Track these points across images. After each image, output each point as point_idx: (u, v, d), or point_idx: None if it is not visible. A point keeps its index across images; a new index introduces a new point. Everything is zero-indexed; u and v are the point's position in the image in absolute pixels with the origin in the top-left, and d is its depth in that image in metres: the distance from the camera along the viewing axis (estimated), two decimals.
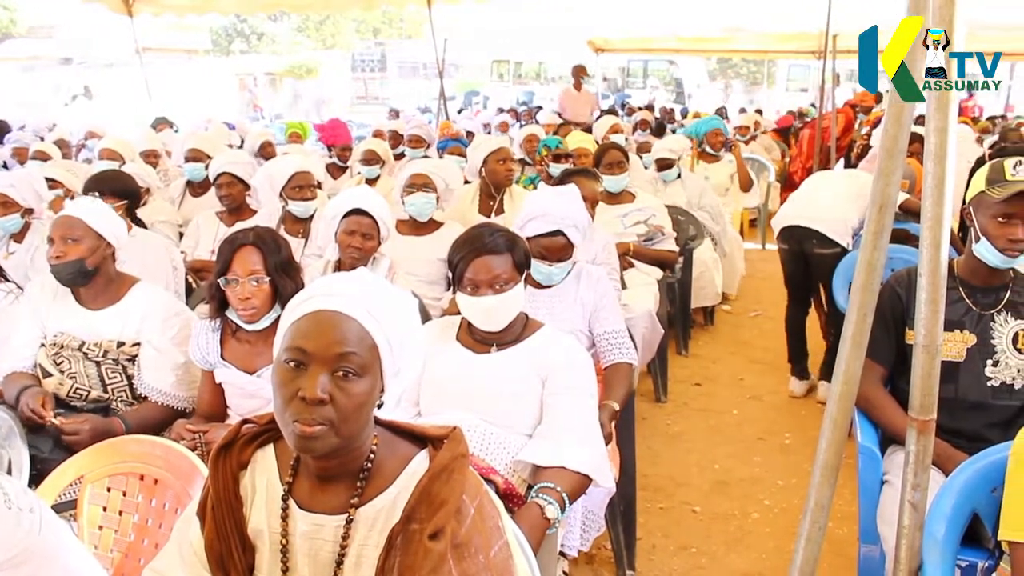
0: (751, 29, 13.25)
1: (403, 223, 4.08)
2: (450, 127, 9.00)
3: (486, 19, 14.06)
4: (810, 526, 1.99)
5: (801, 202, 4.97)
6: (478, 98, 23.70)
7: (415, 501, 1.43)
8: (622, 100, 19.28)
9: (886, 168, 1.72)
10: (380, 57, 31.37)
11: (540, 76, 26.94)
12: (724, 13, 11.85)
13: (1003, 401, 2.65)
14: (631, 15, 12.56)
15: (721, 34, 14.14)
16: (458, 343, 2.57)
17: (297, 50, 34.97)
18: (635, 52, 21.09)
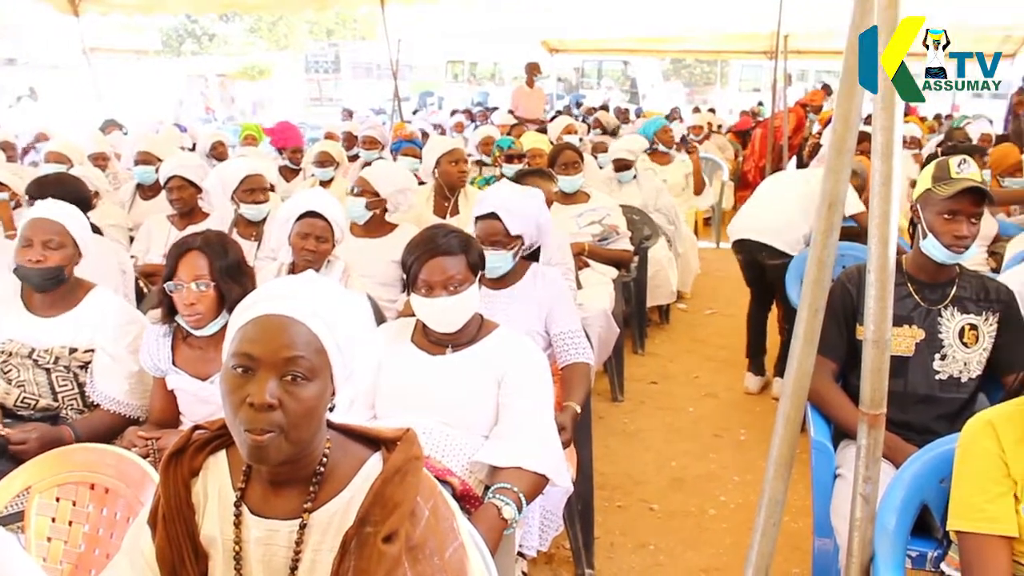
0: (704, 30, 13.36)
1: (357, 225, 4.06)
2: (404, 128, 8.97)
3: (440, 20, 14.00)
4: (765, 521, 2.01)
5: (752, 213, 4.99)
6: (433, 99, 23.64)
7: (369, 504, 1.42)
8: (577, 100, 19.35)
9: (835, 166, 1.75)
10: (334, 58, 31.13)
11: (495, 77, 26.94)
12: (678, 14, 11.92)
13: (950, 394, 2.71)
14: (585, 16, 12.60)
15: (675, 34, 14.25)
16: (413, 345, 2.56)
17: (250, 51, 34.59)
18: (589, 53, 21.18)
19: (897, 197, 1.73)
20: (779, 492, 1.99)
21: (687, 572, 3.33)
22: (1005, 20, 12.16)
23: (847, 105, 1.73)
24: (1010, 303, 2.75)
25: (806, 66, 15.49)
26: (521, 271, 3.22)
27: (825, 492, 2.67)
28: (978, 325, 2.71)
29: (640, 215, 5.74)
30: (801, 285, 1.93)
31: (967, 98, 20.41)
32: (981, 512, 1.88)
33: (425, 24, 14.25)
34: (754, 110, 14.96)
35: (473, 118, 14.36)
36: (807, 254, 1.91)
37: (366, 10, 12.21)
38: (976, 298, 2.74)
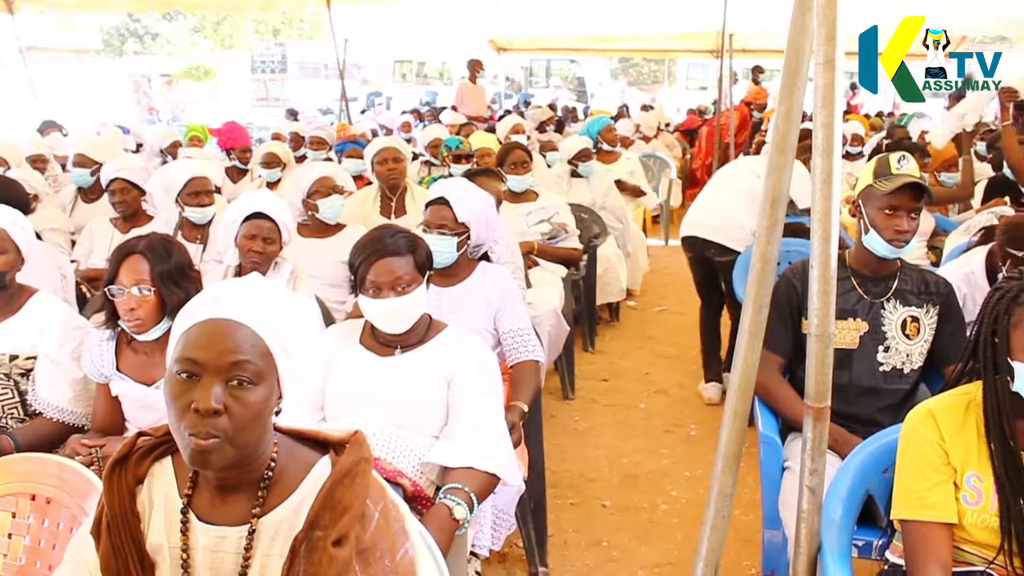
0: (651, 28, 13.45)
1: (304, 226, 4.03)
2: (348, 129, 8.90)
3: (387, 19, 13.96)
4: (714, 515, 2.03)
5: (700, 211, 4.97)
6: (381, 99, 23.50)
7: (318, 508, 1.41)
8: (525, 99, 19.38)
9: (777, 163, 1.77)
10: (280, 58, 30.75)
11: (443, 76, 26.88)
12: (625, 12, 11.99)
13: (894, 385, 2.76)
14: (533, 15, 12.62)
15: (622, 33, 14.32)
16: (362, 346, 2.55)
17: (194, 51, 34.07)
18: (537, 52, 21.20)
19: (838, 194, 1.76)
20: (727, 486, 2.01)
21: (640, 567, 3.35)
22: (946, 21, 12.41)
23: (788, 103, 1.76)
24: (949, 296, 2.82)
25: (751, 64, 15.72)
26: (470, 269, 3.22)
27: (774, 485, 2.70)
28: (919, 317, 2.77)
29: (589, 213, 5.76)
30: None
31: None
32: (923, 500, 1.92)
33: (372, 23, 14.19)
34: (701, 108, 15.11)
35: (421, 118, 14.32)
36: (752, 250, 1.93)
37: (312, 9, 12.10)
38: (917, 291, 2.79)
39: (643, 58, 31.67)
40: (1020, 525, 1.87)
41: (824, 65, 1.71)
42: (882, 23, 1.96)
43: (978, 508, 1.92)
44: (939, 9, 10.83)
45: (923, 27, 1.71)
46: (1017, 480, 1.88)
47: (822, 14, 1.70)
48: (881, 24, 1.86)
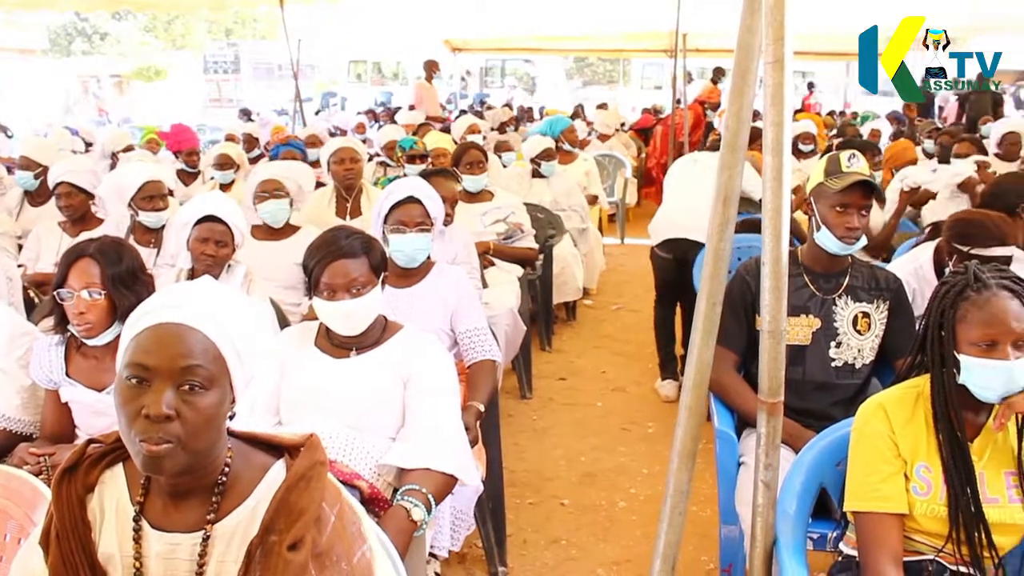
0: (606, 28, 13.51)
1: (258, 228, 3.99)
2: (282, 132, 8.82)
3: (341, 19, 13.85)
4: (671, 511, 2.05)
5: (680, 212, 4.89)
6: (335, 99, 23.35)
7: (273, 512, 1.40)
8: (481, 99, 19.39)
9: (728, 161, 1.79)
10: (233, 58, 30.42)
11: (399, 76, 26.77)
12: (580, 12, 12.03)
13: (846, 380, 2.80)
14: (488, 15, 12.61)
15: (577, 33, 14.36)
16: (317, 349, 2.53)
17: (144, 51, 33.56)
18: (492, 51, 21.21)
19: (788, 191, 1.78)
20: (683, 482, 2.02)
21: (599, 565, 3.36)
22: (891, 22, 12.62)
23: (739, 102, 1.78)
24: (898, 291, 2.86)
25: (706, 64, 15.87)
26: (426, 270, 3.22)
27: (730, 480, 2.73)
28: (870, 313, 2.81)
29: (544, 213, 5.77)
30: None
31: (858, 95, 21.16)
32: (875, 492, 1.95)
33: (326, 23, 14.08)
34: (656, 107, 15.22)
35: (377, 118, 14.26)
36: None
37: (266, 9, 11.97)
38: (867, 287, 2.84)
39: (598, 58, 31.83)
40: (967, 514, 1.91)
41: (773, 65, 1.73)
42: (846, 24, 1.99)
43: (927, 498, 1.96)
44: (910, 8, 10.99)
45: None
46: (964, 470, 1.92)
47: (771, 15, 1.72)
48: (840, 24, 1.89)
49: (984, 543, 1.93)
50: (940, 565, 1.99)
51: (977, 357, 1.89)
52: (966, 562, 1.95)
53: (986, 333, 1.88)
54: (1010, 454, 1.97)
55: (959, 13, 11.92)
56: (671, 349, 5.12)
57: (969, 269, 1.96)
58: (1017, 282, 1.93)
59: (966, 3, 10.62)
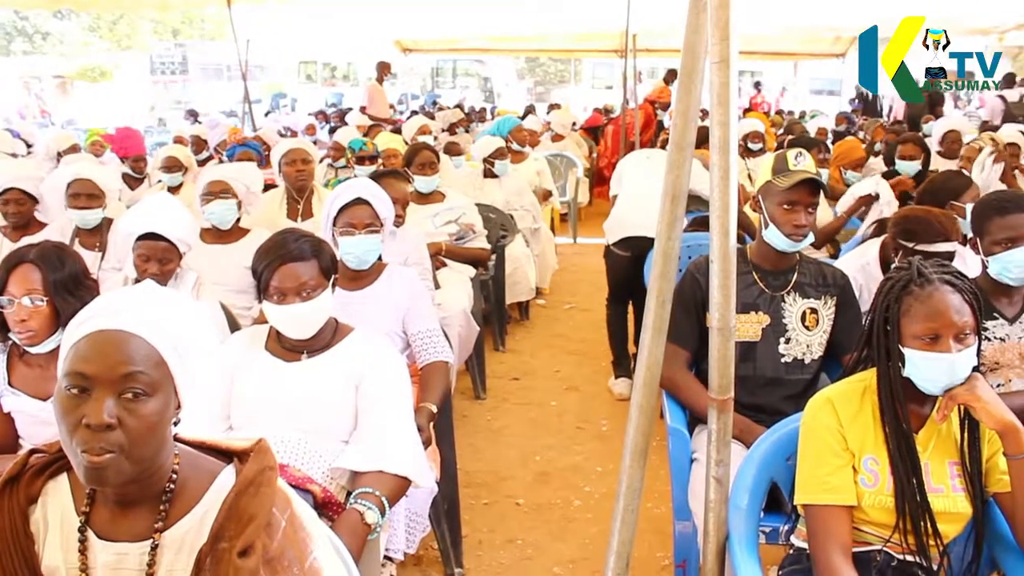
0: (557, 28, 13.55)
1: (208, 231, 3.92)
2: (239, 133, 8.72)
3: (290, 19, 13.71)
4: (623, 508, 2.06)
5: (639, 210, 4.85)
6: (286, 100, 23.16)
7: (222, 519, 1.38)
8: (432, 100, 19.35)
9: (675, 160, 1.80)
10: (181, 59, 30.01)
11: (349, 77, 26.62)
12: (531, 12, 12.05)
13: (796, 375, 2.84)
14: (439, 15, 12.58)
15: (528, 33, 14.39)
16: (267, 352, 2.50)
17: (88, 51, 32.91)
18: (444, 52, 21.17)
19: (735, 190, 1.80)
20: (636, 480, 2.04)
21: (555, 563, 3.37)
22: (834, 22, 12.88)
23: (685, 101, 1.79)
24: (845, 287, 2.91)
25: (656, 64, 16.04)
26: (377, 272, 3.20)
27: (683, 477, 2.75)
28: (818, 309, 2.85)
29: (496, 213, 5.78)
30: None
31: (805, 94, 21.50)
32: (824, 484, 1.98)
33: (275, 24, 13.94)
34: (607, 107, 15.31)
35: (327, 119, 14.17)
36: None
37: (214, 9, 11.81)
38: (815, 283, 2.88)
39: (549, 58, 31.92)
40: (913, 504, 1.95)
41: (719, 64, 1.75)
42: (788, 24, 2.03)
43: (875, 490, 1.99)
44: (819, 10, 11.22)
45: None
46: (910, 461, 1.96)
47: (716, 15, 1.73)
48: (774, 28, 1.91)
49: (930, 532, 1.97)
50: (888, 555, 2.03)
51: (920, 350, 1.92)
52: (913, 551, 1.99)
53: (929, 327, 1.91)
54: (953, 445, 2.02)
55: (894, 17, 12.09)
56: (624, 347, 5.14)
57: (912, 265, 2.00)
58: (959, 277, 1.97)
59: (901, 5, 10.83)
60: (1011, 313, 2.78)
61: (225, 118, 14.11)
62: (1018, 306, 2.79)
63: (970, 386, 1.92)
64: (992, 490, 2.00)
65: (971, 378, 1.93)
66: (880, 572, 2.03)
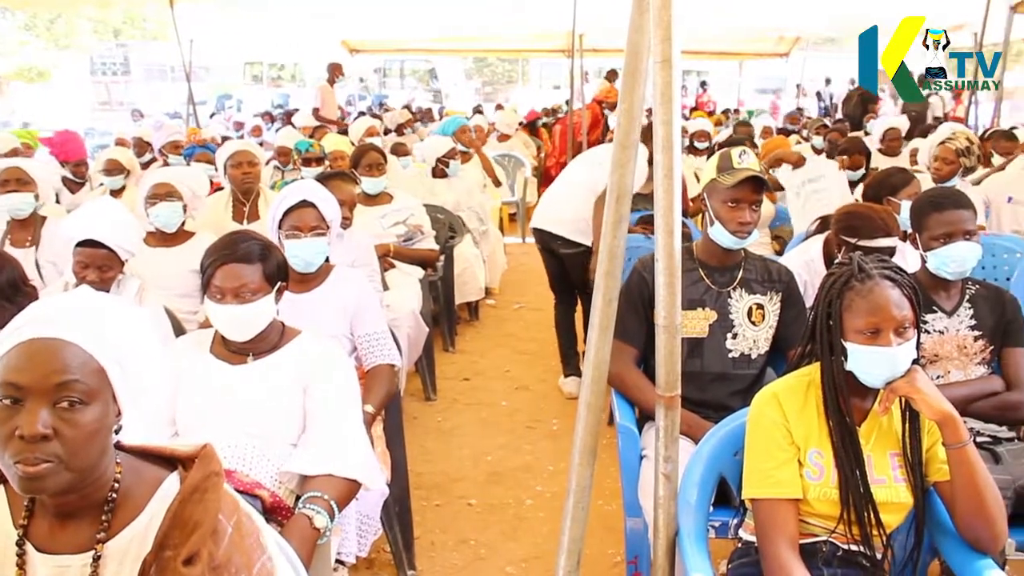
0: (504, 28, 13.56)
1: (152, 235, 3.86)
2: (198, 133, 8.61)
3: (235, 19, 13.55)
4: (574, 506, 2.07)
5: (546, 204, 5.02)
6: (231, 101, 22.89)
7: (167, 526, 1.35)
8: (379, 101, 19.26)
9: (620, 159, 1.81)
10: (123, 59, 29.47)
11: (296, 78, 26.38)
12: (478, 12, 12.05)
13: (743, 371, 2.87)
14: (386, 15, 12.52)
15: (476, 33, 14.38)
16: (212, 355, 2.46)
17: (25, 51, 32.11)
18: (391, 52, 21.08)
19: (679, 188, 1.82)
20: (586, 478, 2.05)
21: (508, 563, 3.37)
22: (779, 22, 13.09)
23: (629, 100, 1.80)
24: (790, 283, 2.95)
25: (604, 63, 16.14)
26: (325, 274, 3.17)
27: (632, 474, 2.76)
28: (764, 304, 2.89)
29: (445, 213, 5.77)
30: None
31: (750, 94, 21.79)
32: (770, 478, 2.01)
33: (219, 24, 13.77)
34: (554, 107, 15.36)
35: (273, 120, 14.03)
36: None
37: (155, 9, 11.57)
38: (761, 279, 2.92)
39: (497, 58, 31.92)
40: (857, 495, 1.99)
41: (662, 64, 1.76)
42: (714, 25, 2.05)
43: (820, 482, 2.02)
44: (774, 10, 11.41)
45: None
46: (853, 453, 2.00)
47: (658, 15, 1.75)
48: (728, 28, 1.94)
49: (873, 522, 2.00)
50: (833, 545, 2.06)
51: (862, 344, 1.96)
52: (857, 541, 2.03)
53: (870, 321, 1.95)
54: (894, 436, 2.06)
55: (815, 21, 12.44)
56: (572, 346, 5.15)
57: (853, 260, 2.03)
58: (898, 272, 2.01)
59: (832, 9, 11.09)
60: (949, 306, 2.85)
61: (169, 119, 13.89)
62: (955, 299, 2.86)
63: (910, 378, 1.97)
64: (932, 479, 2.05)
65: (911, 371, 1.97)
66: (826, 562, 2.06)
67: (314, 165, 5.77)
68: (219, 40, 18.45)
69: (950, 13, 10.42)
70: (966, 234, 2.78)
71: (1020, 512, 2.44)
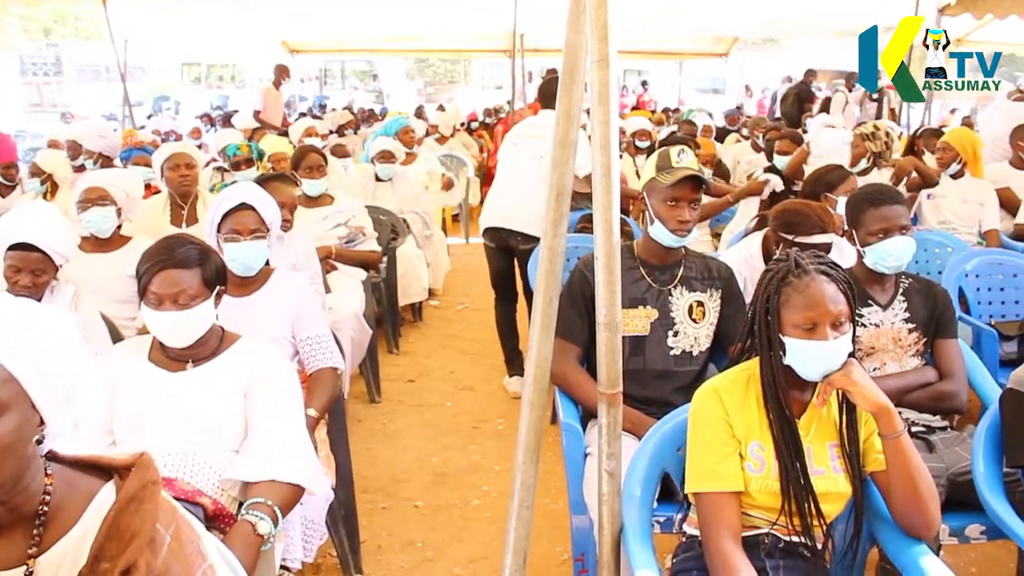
0: (446, 28, 13.53)
1: (87, 240, 3.77)
2: (134, 135, 8.44)
3: (171, 19, 13.32)
4: (518, 505, 2.07)
5: (500, 201, 4.97)
6: (169, 103, 22.52)
7: (102, 538, 1.32)
8: (320, 102, 19.09)
9: (560, 158, 1.82)
10: (55, 59, 28.78)
11: (235, 79, 26.05)
12: (419, 12, 12.01)
13: (685, 367, 2.90)
14: (326, 16, 12.41)
15: (417, 33, 14.32)
16: (151, 363, 2.41)
17: None
18: (332, 53, 20.91)
19: (617, 187, 1.83)
20: (529, 477, 2.05)
21: (456, 564, 3.37)
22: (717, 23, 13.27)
23: (567, 100, 1.81)
24: (730, 280, 2.99)
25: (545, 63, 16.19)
26: (265, 278, 3.13)
27: (578, 472, 2.78)
28: (704, 301, 2.92)
29: (387, 215, 5.73)
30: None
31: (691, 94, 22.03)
32: (712, 472, 2.03)
33: (155, 23, 13.53)
34: (496, 107, 15.37)
35: (213, 122, 13.83)
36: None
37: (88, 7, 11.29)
38: (701, 277, 2.95)
39: (439, 58, 31.85)
40: (797, 487, 2.02)
41: (598, 63, 1.77)
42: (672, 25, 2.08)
43: (761, 475, 2.05)
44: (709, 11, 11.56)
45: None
46: (793, 445, 2.03)
47: (594, 15, 1.76)
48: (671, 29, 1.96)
49: (813, 513, 2.04)
50: (775, 537, 2.10)
51: (799, 339, 1.99)
52: (798, 532, 2.06)
53: (807, 316, 1.98)
54: (833, 428, 2.10)
55: (752, 22, 12.68)
56: (515, 345, 5.16)
57: (790, 257, 2.07)
58: (834, 267, 2.05)
59: (766, 11, 11.28)
60: (884, 300, 2.91)
61: (105, 122, 13.61)
62: (890, 293, 2.93)
63: (846, 371, 2.01)
64: (869, 469, 2.09)
65: (847, 364, 2.01)
66: (768, 554, 2.10)
67: (244, 168, 5.68)
68: (155, 40, 18.11)
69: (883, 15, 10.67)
70: (901, 229, 2.86)
71: (953, 499, 2.51)
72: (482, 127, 13.41)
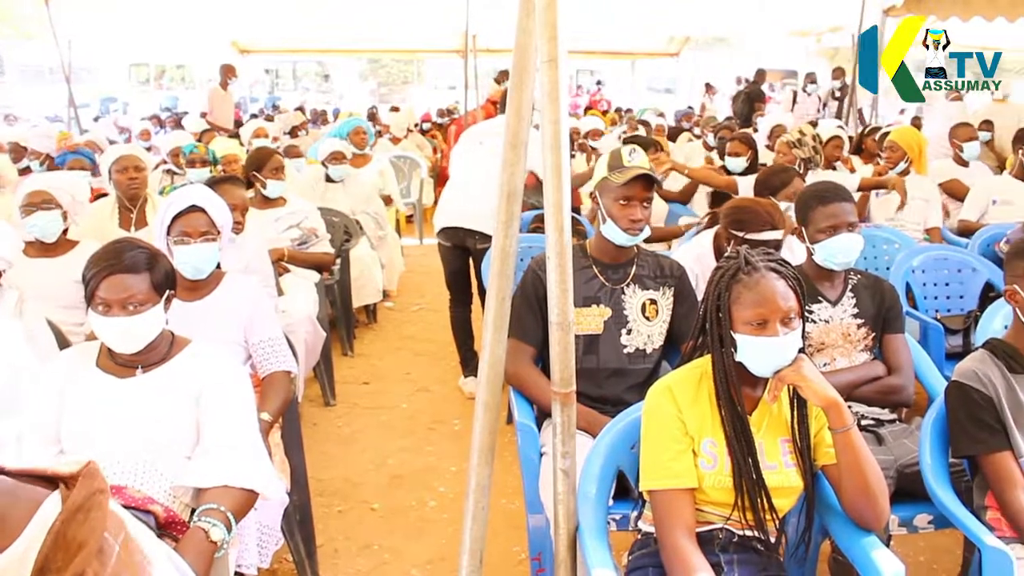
0: (399, 28, 13.49)
1: (32, 245, 3.69)
2: (69, 139, 8.27)
3: (117, 19, 13.10)
4: (474, 506, 2.07)
5: (456, 201, 4.92)
6: (116, 104, 22.15)
7: (48, 549, 1.29)
8: (272, 103, 18.91)
9: (510, 159, 1.82)
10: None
11: (185, 80, 25.70)
12: (371, 12, 11.94)
13: (638, 365, 2.92)
14: (277, 16, 12.30)
15: (370, 34, 14.25)
16: (99, 369, 2.36)
17: None
18: (283, 53, 20.73)
19: (568, 187, 1.83)
20: (484, 477, 2.05)
21: (413, 566, 3.35)
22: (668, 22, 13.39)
23: (518, 100, 1.81)
24: (682, 278, 3.02)
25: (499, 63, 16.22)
26: (216, 281, 3.09)
27: (533, 471, 2.79)
28: (657, 300, 2.94)
29: (340, 216, 5.69)
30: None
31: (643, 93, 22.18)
32: (666, 470, 2.05)
33: (100, 23, 13.31)
34: (450, 108, 15.35)
35: (162, 124, 13.65)
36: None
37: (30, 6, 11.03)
38: (653, 275, 2.97)
39: (392, 58, 31.70)
40: (750, 482, 2.04)
41: (548, 64, 1.77)
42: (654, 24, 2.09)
43: (714, 471, 2.07)
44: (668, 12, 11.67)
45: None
46: (745, 441, 2.05)
47: (543, 15, 1.76)
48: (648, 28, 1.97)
49: (766, 507, 2.07)
50: (729, 532, 2.12)
51: (750, 335, 2.01)
52: (752, 526, 2.09)
53: (757, 312, 2.01)
54: (784, 423, 2.12)
55: (702, 22, 12.83)
56: (470, 345, 5.15)
57: (740, 254, 2.09)
58: (783, 264, 2.08)
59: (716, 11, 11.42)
60: (833, 296, 2.96)
61: (49, 124, 13.34)
62: (839, 289, 2.98)
63: (796, 367, 2.03)
64: (820, 463, 2.12)
65: (797, 359, 2.04)
66: (723, 549, 2.12)
67: (199, 166, 5.62)
68: (102, 40, 17.82)
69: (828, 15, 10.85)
70: (849, 226, 2.90)
71: (902, 490, 2.56)
72: (435, 127, 13.38)
